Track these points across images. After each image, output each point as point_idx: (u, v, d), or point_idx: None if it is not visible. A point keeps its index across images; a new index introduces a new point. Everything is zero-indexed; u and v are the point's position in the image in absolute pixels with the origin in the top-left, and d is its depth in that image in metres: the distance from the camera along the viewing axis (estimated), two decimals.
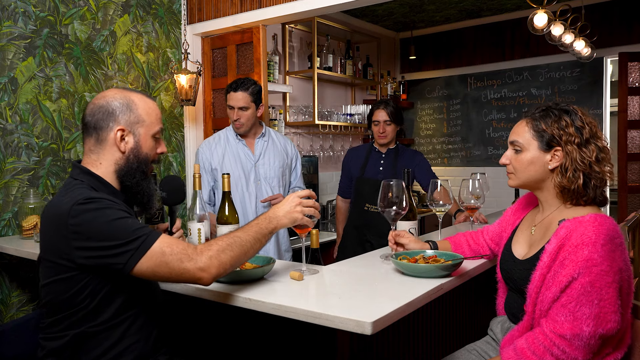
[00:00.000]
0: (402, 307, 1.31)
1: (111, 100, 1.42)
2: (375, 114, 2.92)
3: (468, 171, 4.83)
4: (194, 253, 1.29)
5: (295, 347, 1.64)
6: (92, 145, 1.43)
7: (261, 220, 1.45)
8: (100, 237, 1.25)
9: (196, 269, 1.28)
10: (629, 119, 4.36)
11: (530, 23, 3.21)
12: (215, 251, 1.31)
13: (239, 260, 1.36)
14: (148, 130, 1.45)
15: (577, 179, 1.41)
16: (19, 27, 2.64)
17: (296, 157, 2.85)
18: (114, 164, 1.42)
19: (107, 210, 1.28)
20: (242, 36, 3.26)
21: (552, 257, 1.35)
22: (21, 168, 2.66)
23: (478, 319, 2.08)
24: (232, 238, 1.36)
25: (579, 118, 1.45)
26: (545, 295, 1.35)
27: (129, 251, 1.25)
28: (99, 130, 1.41)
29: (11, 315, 2.63)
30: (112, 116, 1.41)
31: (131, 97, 1.44)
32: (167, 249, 1.27)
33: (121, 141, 1.41)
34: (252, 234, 1.41)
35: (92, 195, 1.30)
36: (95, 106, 1.42)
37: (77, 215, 1.26)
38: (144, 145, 1.45)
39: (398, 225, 1.97)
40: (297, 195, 1.52)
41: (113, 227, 1.26)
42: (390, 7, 4.61)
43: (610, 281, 1.27)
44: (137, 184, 1.44)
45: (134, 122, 1.43)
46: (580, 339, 1.26)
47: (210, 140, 2.69)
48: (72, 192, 1.34)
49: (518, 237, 1.61)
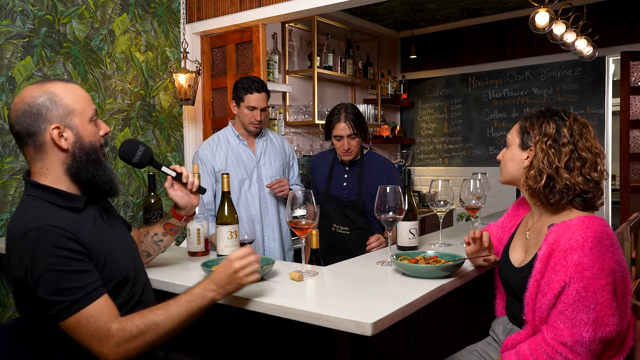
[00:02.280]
0: (403, 308, 1.31)
1: (31, 100, 1.30)
2: (336, 128, 2.42)
3: (469, 171, 4.82)
4: (105, 335, 1.22)
5: (295, 348, 1.63)
6: (32, 153, 1.33)
7: (194, 295, 1.33)
8: (32, 282, 1.20)
9: (100, 354, 1.23)
10: (631, 118, 4.34)
11: (532, 22, 3.19)
12: (127, 338, 1.23)
13: (149, 347, 1.28)
14: (83, 118, 1.35)
15: (540, 179, 1.41)
16: (16, 26, 2.62)
17: (293, 156, 2.85)
18: (62, 165, 1.33)
19: (45, 257, 1.20)
20: (242, 35, 3.24)
21: (544, 263, 1.35)
22: (19, 168, 2.64)
23: (479, 320, 2.07)
24: (150, 323, 1.26)
25: (566, 124, 1.43)
26: (541, 302, 1.35)
27: (50, 310, 1.21)
28: (33, 137, 1.30)
29: (9, 316, 2.62)
30: (40, 117, 1.29)
31: (51, 90, 1.32)
32: (84, 321, 1.21)
33: (60, 139, 1.31)
34: (177, 316, 1.29)
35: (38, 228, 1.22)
36: (19, 112, 1.30)
37: (20, 250, 1.22)
38: (85, 135, 1.35)
39: (399, 225, 1.96)
40: (231, 260, 1.36)
41: (44, 279, 1.19)
42: (391, 6, 4.59)
43: (603, 284, 1.27)
44: (92, 176, 1.36)
45: (64, 115, 1.32)
46: (581, 345, 1.26)
47: (210, 142, 2.64)
48: (22, 215, 1.28)
49: (515, 243, 1.61)
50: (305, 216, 1.59)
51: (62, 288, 1.20)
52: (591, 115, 4.53)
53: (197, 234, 1.99)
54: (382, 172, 2.50)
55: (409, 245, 1.97)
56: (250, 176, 2.61)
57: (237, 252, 1.38)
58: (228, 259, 1.37)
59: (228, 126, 2.70)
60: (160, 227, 1.69)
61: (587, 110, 4.55)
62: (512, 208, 1.76)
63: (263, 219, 2.65)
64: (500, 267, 1.62)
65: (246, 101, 2.52)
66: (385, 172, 2.50)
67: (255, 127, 2.58)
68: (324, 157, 2.71)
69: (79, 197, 1.36)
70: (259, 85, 2.53)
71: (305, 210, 1.58)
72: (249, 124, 2.57)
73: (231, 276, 1.34)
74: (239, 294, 1.43)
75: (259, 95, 2.52)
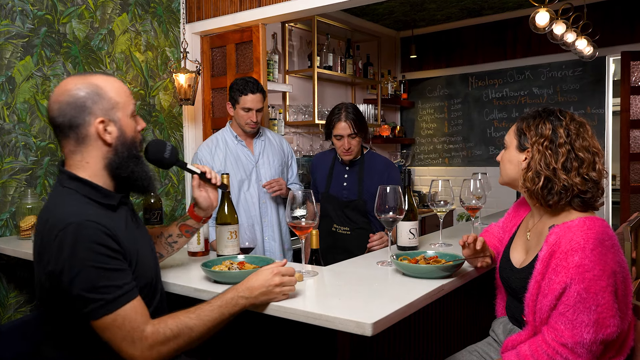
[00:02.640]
0: (403, 308, 1.31)
1: (76, 92, 1.28)
2: (336, 127, 2.42)
3: (469, 171, 4.82)
4: (139, 338, 1.19)
5: (296, 348, 1.63)
6: (72, 146, 1.31)
7: (226, 301, 1.31)
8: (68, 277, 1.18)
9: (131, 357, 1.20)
10: (632, 118, 4.34)
11: (532, 22, 3.19)
12: (160, 341, 1.21)
13: (180, 350, 1.26)
14: (125, 112, 1.34)
15: (538, 181, 1.40)
16: (16, 25, 2.62)
17: (291, 155, 2.84)
18: (103, 159, 1.32)
19: (84, 254, 1.18)
20: (242, 35, 3.24)
21: (545, 264, 1.35)
22: (19, 168, 2.64)
23: (479, 320, 2.07)
24: (183, 327, 1.24)
25: (562, 124, 1.42)
26: (542, 303, 1.34)
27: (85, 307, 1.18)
28: (76, 129, 1.28)
29: (9, 316, 2.61)
30: (85, 109, 1.27)
31: (95, 82, 1.31)
32: (119, 321, 1.18)
33: (105, 133, 1.30)
34: (209, 321, 1.27)
35: (79, 223, 1.20)
36: (62, 104, 1.28)
37: (59, 242, 1.19)
38: (127, 129, 1.34)
39: (399, 225, 1.95)
40: (276, 268, 1.35)
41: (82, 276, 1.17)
42: (391, 5, 4.59)
43: (604, 285, 1.26)
44: (132, 172, 1.35)
45: (109, 108, 1.30)
46: (582, 346, 1.26)
47: (209, 144, 2.63)
48: (59, 208, 1.25)
49: (516, 244, 1.60)
50: (305, 216, 1.59)
51: (100, 286, 1.18)
52: (591, 115, 4.52)
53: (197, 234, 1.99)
54: (382, 171, 2.49)
55: (409, 246, 1.97)
56: (249, 177, 2.61)
57: (283, 268, 1.37)
58: (272, 271, 1.35)
59: (226, 127, 2.69)
60: (175, 228, 1.67)
61: (588, 110, 4.54)
62: (512, 208, 1.75)
63: (263, 219, 2.64)
64: (501, 267, 1.62)
65: (241, 103, 2.51)
66: (385, 171, 2.49)
67: (251, 128, 2.57)
68: (324, 157, 2.69)
69: (115, 195, 1.35)
70: (253, 86, 2.51)
71: (305, 210, 1.58)
72: (245, 125, 2.56)
73: (269, 289, 1.33)
74: None
75: (253, 96, 2.50)
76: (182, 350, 1.26)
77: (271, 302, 1.35)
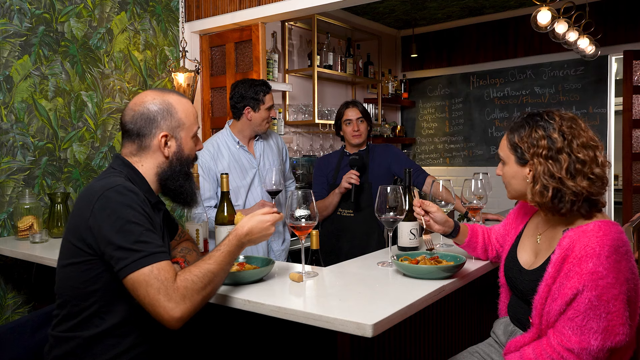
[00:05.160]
0: (404, 309, 1.30)
1: (151, 106, 1.43)
2: (346, 113, 2.74)
3: (470, 171, 4.80)
4: (172, 288, 1.23)
5: (296, 350, 1.62)
6: (133, 150, 1.45)
7: (233, 245, 1.40)
8: (110, 230, 1.25)
9: (166, 308, 1.21)
10: (634, 118, 4.32)
11: (534, 21, 3.17)
12: (190, 290, 1.25)
13: (208, 297, 1.31)
14: (188, 133, 1.48)
15: (547, 193, 1.36)
16: (14, 24, 2.60)
17: (285, 151, 2.85)
18: (156, 167, 1.45)
19: (129, 210, 1.26)
20: (241, 34, 3.22)
21: (557, 268, 1.32)
22: (16, 168, 2.62)
23: (480, 321, 2.05)
24: (206, 272, 1.29)
25: (554, 126, 1.38)
26: (551, 306, 1.32)
27: (124, 259, 1.23)
28: (142, 138, 1.43)
29: (6, 317, 2.59)
30: (154, 123, 1.42)
31: (169, 101, 1.45)
32: (156, 272, 1.23)
33: (165, 147, 1.44)
34: (224, 264, 1.35)
35: (126, 186, 1.30)
36: (136, 113, 1.43)
37: (103, 200, 1.27)
38: (186, 148, 1.48)
39: (399, 225, 1.94)
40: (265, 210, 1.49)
41: (125, 228, 1.25)
42: (392, 4, 4.57)
43: (617, 293, 1.24)
44: (180, 186, 1.48)
45: (175, 126, 1.45)
46: (588, 353, 1.24)
47: (210, 149, 2.55)
48: (107, 178, 1.35)
49: (524, 244, 1.57)
50: (305, 216, 1.57)
51: (141, 240, 1.25)
52: (594, 115, 4.50)
53: (196, 234, 1.97)
54: (383, 152, 2.78)
55: (410, 246, 1.95)
56: (253, 180, 2.59)
57: (262, 209, 1.49)
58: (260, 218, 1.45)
59: (225, 131, 2.61)
60: None
61: (590, 109, 4.52)
62: (518, 207, 1.72)
63: None
64: (507, 267, 1.59)
65: (266, 102, 2.54)
66: (385, 150, 2.80)
67: (268, 124, 2.61)
68: (328, 157, 2.91)
69: (154, 194, 1.46)
70: (269, 84, 2.60)
71: (305, 210, 1.56)
72: (265, 124, 2.57)
73: (263, 232, 1.45)
74: (239, 294, 1.43)
75: (271, 93, 2.59)
76: (210, 297, 1.31)
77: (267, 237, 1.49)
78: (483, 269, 1.75)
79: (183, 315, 1.22)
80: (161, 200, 1.51)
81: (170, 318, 1.21)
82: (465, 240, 1.75)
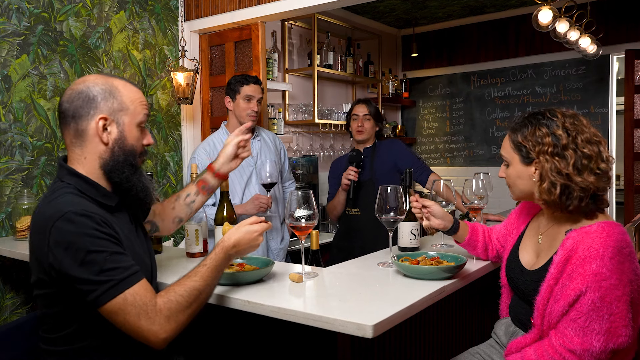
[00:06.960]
0: (404, 309, 1.29)
1: (92, 85, 1.30)
2: (355, 109, 2.81)
3: (471, 171, 4.78)
4: (153, 311, 1.18)
5: (296, 350, 1.61)
6: (72, 137, 1.31)
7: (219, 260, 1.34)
8: (72, 265, 1.16)
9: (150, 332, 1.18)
10: (636, 117, 4.30)
11: (535, 20, 3.16)
12: (175, 311, 1.20)
13: (194, 315, 1.26)
14: (132, 119, 1.34)
15: (555, 190, 1.35)
16: (12, 23, 2.59)
17: (284, 151, 2.85)
18: (99, 158, 1.31)
19: (85, 239, 1.17)
20: (241, 33, 3.21)
21: (559, 269, 1.31)
22: (15, 168, 2.61)
23: (481, 322, 2.04)
24: (191, 290, 1.25)
25: (557, 124, 1.37)
26: (553, 307, 1.31)
27: (93, 291, 1.16)
28: (77, 120, 1.29)
29: (5, 318, 2.58)
30: (92, 103, 1.29)
31: (114, 83, 1.33)
32: (130, 299, 1.17)
33: (103, 131, 1.30)
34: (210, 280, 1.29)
35: (76, 211, 1.19)
36: (74, 92, 1.30)
37: (55, 233, 1.18)
38: (129, 136, 1.34)
39: (400, 226, 1.92)
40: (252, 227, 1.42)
41: (86, 260, 1.16)
42: (392, 3, 4.56)
43: (620, 294, 1.23)
44: (126, 179, 1.34)
45: (117, 109, 1.31)
46: (590, 354, 1.23)
47: (206, 147, 2.58)
48: (57, 199, 1.24)
49: (525, 244, 1.56)
50: (305, 217, 1.55)
51: (107, 269, 1.17)
52: (595, 115, 4.48)
53: (195, 234, 1.96)
54: (388, 148, 2.82)
55: (410, 246, 1.94)
56: (250, 178, 2.58)
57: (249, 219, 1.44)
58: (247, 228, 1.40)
59: (221, 129, 2.64)
60: (193, 186, 1.71)
61: (591, 109, 4.51)
62: (520, 207, 1.71)
63: None
64: (509, 267, 1.58)
65: (242, 92, 2.53)
66: (392, 145, 2.86)
67: (252, 118, 2.56)
68: (340, 159, 2.97)
69: (113, 196, 1.35)
70: (252, 78, 2.58)
71: (305, 210, 1.55)
72: (246, 115, 2.54)
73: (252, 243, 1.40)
74: (238, 295, 1.43)
75: (254, 86, 2.56)
76: (195, 314, 1.26)
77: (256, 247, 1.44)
78: (484, 269, 1.74)
79: (168, 337, 1.19)
80: (122, 200, 1.38)
81: (155, 339, 1.18)
82: (466, 238, 1.74)
